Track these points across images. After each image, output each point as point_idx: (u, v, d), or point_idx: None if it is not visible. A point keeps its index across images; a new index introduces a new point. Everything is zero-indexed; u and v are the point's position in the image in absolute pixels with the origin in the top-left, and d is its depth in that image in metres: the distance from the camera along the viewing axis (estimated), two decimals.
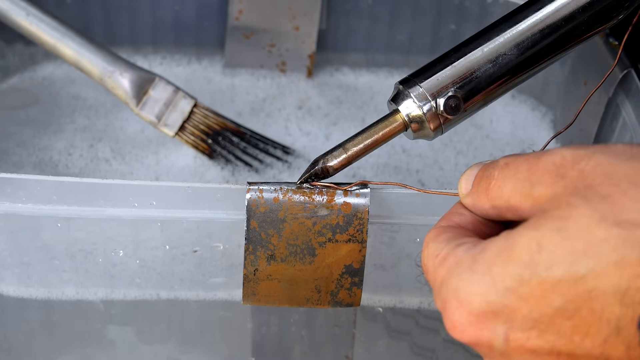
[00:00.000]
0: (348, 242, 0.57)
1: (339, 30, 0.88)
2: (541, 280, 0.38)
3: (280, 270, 0.58)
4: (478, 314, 0.40)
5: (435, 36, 0.87)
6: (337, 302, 0.60)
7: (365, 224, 0.57)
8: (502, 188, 0.42)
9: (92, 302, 0.64)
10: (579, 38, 0.58)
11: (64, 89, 0.87)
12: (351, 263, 0.58)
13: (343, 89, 0.88)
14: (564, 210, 0.38)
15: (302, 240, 0.57)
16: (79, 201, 0.56)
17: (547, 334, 0.38)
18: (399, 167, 0.80)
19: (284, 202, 0.56)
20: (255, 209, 0.56)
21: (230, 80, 0.88)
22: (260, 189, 0.56)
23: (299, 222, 0.56)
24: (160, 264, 0.61)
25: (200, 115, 0.77)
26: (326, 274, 0.58)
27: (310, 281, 0.59)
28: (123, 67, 0.75)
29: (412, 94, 0.57)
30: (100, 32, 0.87)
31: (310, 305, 0.60)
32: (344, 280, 0.59)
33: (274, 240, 0.57)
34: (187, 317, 0.65)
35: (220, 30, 0.88)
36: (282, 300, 0.59)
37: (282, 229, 0.57)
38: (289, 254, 0.58)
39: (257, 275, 0.58)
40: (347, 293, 0.59)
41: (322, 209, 0.56)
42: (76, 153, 0.80)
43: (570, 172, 0.39)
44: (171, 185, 0.57)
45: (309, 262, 0.58)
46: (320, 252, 0.58)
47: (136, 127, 0.82)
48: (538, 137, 0.84)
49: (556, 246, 0.37)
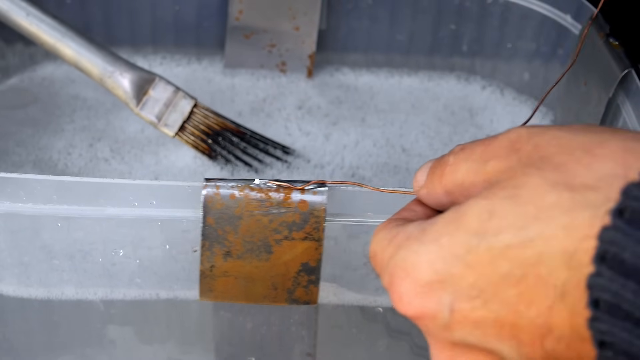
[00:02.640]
0: (304, 239, 0.57)
1: (339, 30, 0.88)
2: (489, 246, 0.37)
3: (236, 267, 0.58)
4: (424, 284, 0.39)
5: (435, 36, 0.88)
6: (294, 299, 0.60)
7: (321, 222, 0.56)
8: (456, 172, 0.41)
9: (92, 302, 0.63)
10: None
11: (64, 89, 0.87)
12: (308, 261, 0.58)
13: (343, 89, 0.89)
14: (517, 179, 0.37)
15: (259, 238, 0.57)
16: (79, 201, 0.56)
17: (492, 303, 0.37)
18: (399, 166, 0.81)
19: (240, 199, 0.56)
20: (212, 205, 0.56)
21: (230, 80, 0.88)
22: (217, 185, 0.56)
23: (256, 219, 0.56)
24: (160, 263, 0.61)
25: (200, 116, 0.77)
26: (282, 271, 0.58)
27: (267, 278, 0.58)
28: (123, 67, 0.75)
29: None
30: (100, 32, 0.87)
31: (267, 302, 0.60)
32: (300, 277, 0.58)
33: (230, 237, 0.57)
34: (187, 317, 0.65)
35: (220, 30, 0.88)
36: (239, 297, 0.59)
37: (239, 225, 0.56)
38: (245, 251, 0.57)
39: (213, 271, 0.58)
40: (304, 291, 0.59)
41: (279, 206, 0.56)
42: (75, 152, 0.80)
43: (525, 147, 0.38)
44: (171, 185, 0.57)
45: (265, 260, 0.58)
46: (276, 249, 0.57)
47: (136, 127, 0.83)
48: None
49: (507, 213, 0.37)
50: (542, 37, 0.85)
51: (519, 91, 0.88)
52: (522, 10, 0.84)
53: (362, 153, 0.81)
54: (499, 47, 0.87)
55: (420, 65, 0.89)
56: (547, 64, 0.86)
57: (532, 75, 0.87)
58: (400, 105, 0.87)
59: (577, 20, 0.82)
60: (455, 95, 0.88)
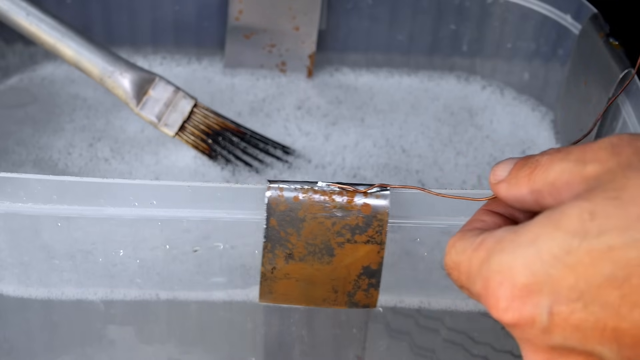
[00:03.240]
0: (367, 243, 0.57)
1: (339, 30, 0.88)
2: (591, 247, 0.37)
3: (298, 270, 0.58)
4: (522, 287, 0.38)
5: (436, 36, 0.88)
6: (354, 303, 0.60)
7: (384, 225, 0.57)
8: (548, 171, 0.40)
9: (92, 302, 0.63)
10: None
11: (64, 89, 0.87)
12: (369, 264, 0.58)
13: (343, 89, 0.89)
14: (618, 182, 0.37)
15: (321, 240, 0.57)
16: (79, 200, 0.56)
17: (593, 306, 0.37)
18: (399, 167, 0.80)
19: (304, 201, 0.56)
20: (275, 207, 0.56)
21: (230, 80, 0.88)
22: (280, 187, 0.56)
23: (318, 221, 0.57)
24: (160, 263, 0.61)
25: (200, 115, 0.77)
26: (344, 274, 0.58)
27: (328, 281, 0.59)
28: (123, 67, 0.75)
29: None
30: (100, 32, 0.87)
31: (326, 305, 0.60)
32: (361, 281, 0.59)
33: (293, 239, 0.57)
34: (187, 318, 0.65)
35: (220, 30, 0.88)
36: (299, 300, 0.60)
37: (301, 228, 0.57)
38: (307, 254, 0.58)
39: (274, 273, 0.58)
40: (364, 294, 0.59)
41: (342, 209, 0.56)
42: (75, 152, 0.80)
43: (625, 150, 0.38)
44: (172, 185, 0.57)
45: (327, 262, 0.58)
46: (338, 252, 0.58)
47: (136, 127, 0.83)
48: (538, 137, 0.84)
49: (610, 214, 0.36)
50: (542, 37, 0.85)
51: (519, 91, 0.88)
52: (522, 10, 0.84)
53: (363, 153, 0.81)
54: (499, 47, 0.87)
55: (420, 65, 0.89)
56: (547, 64, 0.86)
57: (532, 75, 0.87)
58: (400, 105, 0.87)
59: (577, 20, 0.82)
60: (455, 95, 0.88)
